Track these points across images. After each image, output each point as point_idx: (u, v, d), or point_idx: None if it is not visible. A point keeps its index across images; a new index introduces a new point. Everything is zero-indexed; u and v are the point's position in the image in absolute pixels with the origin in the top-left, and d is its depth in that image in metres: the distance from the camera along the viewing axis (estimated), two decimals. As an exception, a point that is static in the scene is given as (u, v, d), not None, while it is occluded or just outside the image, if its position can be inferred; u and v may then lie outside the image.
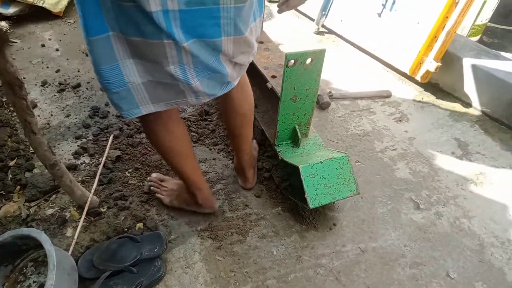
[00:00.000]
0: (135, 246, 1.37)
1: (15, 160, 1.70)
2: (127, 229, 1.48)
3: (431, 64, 2.17)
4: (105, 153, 1.75)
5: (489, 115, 2.19)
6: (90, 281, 1.29)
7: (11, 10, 2.81)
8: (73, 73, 2.38)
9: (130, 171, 1.73)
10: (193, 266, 1.38)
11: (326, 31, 3.05)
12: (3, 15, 2.76)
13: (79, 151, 1.79)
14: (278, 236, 1.51)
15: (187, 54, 0.91)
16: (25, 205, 1.54)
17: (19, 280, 1.28)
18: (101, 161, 1.72)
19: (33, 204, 1.55)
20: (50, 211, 1.52)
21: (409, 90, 2.41)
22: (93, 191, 1.55)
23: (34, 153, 1.71)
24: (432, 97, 2.35)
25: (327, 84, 2.43)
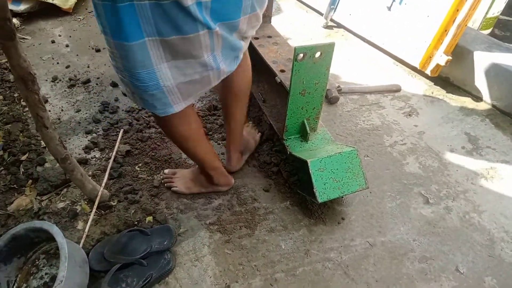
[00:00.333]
0: (145, 239, 1.38)
1: (27, 154, 1.73)
2: (137, 222, 1.49)
3: (441, 57, 2.14)
4: (115, 148, 1.77)
5: (500, 109, 2.16)
6: (100, 273, 1.31)
7: (22, 7, 2.84)
8: (83, 68, 2.40)
9: (140, 165, 1.74)
10: (202, 259, 1.40)
11: (335, 25, 3.03)
12: (14, 12, 2.79)
13: (89, 146, 1.81)
14: (286, 230, 1.51)
15: (219, 38, 0.99)
16: (36, 198, 1.56)
17: (31, 271, 1.30)
18: (111, 156, 1.73)
19: (44, 197, 1.57)
20: (61, 205, 1.54)
21: (419, 84, 2.39)
22: (103, 185, 1.57)
23: (45, 147, 1.73)
24: (442, 91, 2.33)
25: (336, 78, 2.42)
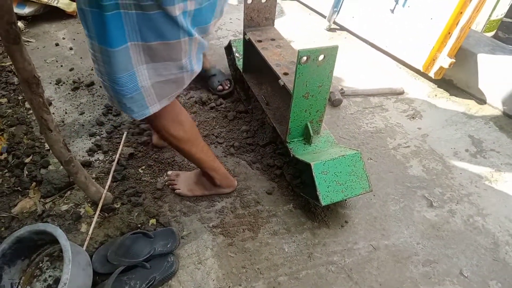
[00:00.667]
0: (149, 241, 1.38)
1: (30, 157, 1.74)
2: (140, 225, 1.49)
3: (444, 60, 2.14)
4: (118, 150, 1.77)
5: (505, 112, 2.15)
6: (104, 276, 1.31)
7: (27, 10, 2.85)
8: (86, 71, 2.41)
9: (143, 168, 1.75)
10: (205, 262, 1.40)
11: (338, 27, 3.03)
12: (19, 15, 2.81)
13: (93, 148, 1.81)
14: (289, 233, 1.51)
15: (195, 44, 1.05)
16: (40, 201, 1.57)
17: (35, 274, 1.31)
18: (115, 158, 1.74)
19: (48, 200, 1.58)
20: (65, 207, 1.55)
21: (422, 87, 2.39)
22: (107, 187, 1.57)
23: (49, 150, 1.74)
24: (445, 94, 2.32)
25: (339, 81, 2.42)
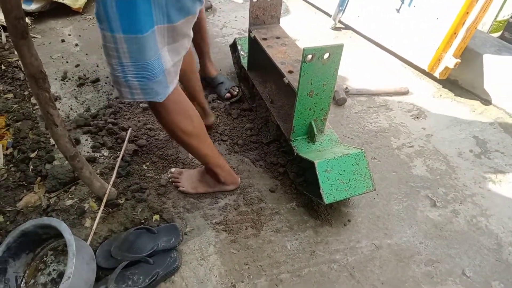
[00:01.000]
0: (152, 237, 1.39)
1: (36, 152, 1.75)
2: (144, 220, 1.50)
3: (450, 60, 2.13)
4: (123, 147, 1.78)
5: (509, 113, 2.15)
6: (107, 270, 1.32)
7: (33, 6, 2.87)
8: (92, 68, 2.42)
9: (147, 164, 1.75)
10: (208, 258, 1.40)
11: (343, 27, 3.03)
12: (25, 11, 2.82)
13: (97, 145, 1.82)
14: (292, 230, 1.51)
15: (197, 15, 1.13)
16: (45, 195, 1.58)
17: (39, 268, 1.32)
18: (119, 154, 1.75)
19: (53, 195, 1.59)
20: (69, 202, 1.56)
21: (427, 86, 2.38)
22: (111, 183, 1.58)
23: (54, 145, 1.75)
24: (450, 94, 2.32)
25: (343, 80, 2.42)
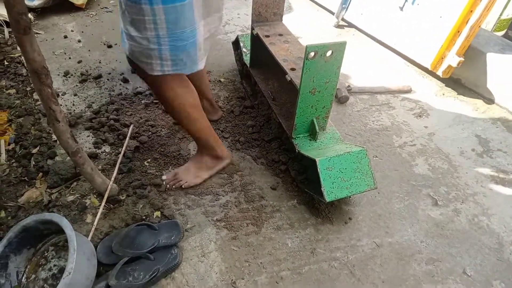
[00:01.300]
0: (153, 233, 1.39)
1: (38, 147, 1.75)
2: (145, 217, 1.50)
3: (453, 59, 2.13)
4: (125, 143, 1.78)
5: (513, 112, 2.14)
6: (108, 266, 1.32)
7: (36, 2, 2.87)
8: (94, 64, 2.42)
9: (148, 160, 1.76)
10: (209, 255, 1.40)
11: (346, 24, 3.02)
12: (28, 7, 2.82)
13: (99, 141, 1.82)
14: (293, 228, 1.51)
15: None
16: (47, 191, 1.58)
17: (40, 263, 1.32)
18: (121, 151, 1.75)
19: (54, 190, 1.59)
20: (71, 198, 1.56)
21: (430, 85, 2.37)
22: (113, 179, 1.58)
23: (56, 141, 1.76)
24: (453, 93, 2.31)
25: (346, 78, 2.41)
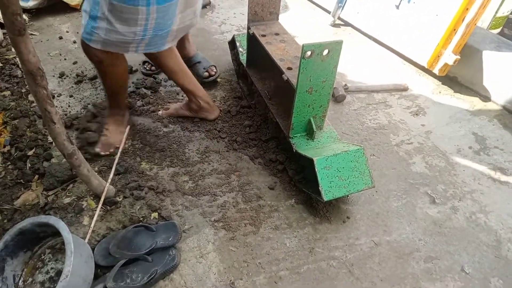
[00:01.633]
0: (150, 235, 1.39)
1: (33, 149, 1.74)
2: (142, 218, 1.50)
3: (449, 57, 2.13)
4: (121, 144, 1.78)
5: (509, 110, 2.14)
6: (106, 268, 1.32)
7: (31, 3, 2.85)
8: (89, 65, 2.40)
9: (145, 161, 1.75)
10: (207, 256, 1.40)
11: (342, 23, 3.02)
12: (23, 8, 2.81)
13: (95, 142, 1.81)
14: (291, 228, 1.51)
15: None
16: (43, 193, 1.57)
17: (37, 266, 1.31)
18: (118, 152, 1.74)
19: (50, 192, 1.58)
20: (67, 200, 1.55)
21: (426, 83, 2.38)
22: (109, 180, 1.57)
23: (52, 142, 1.74)
24: (450, 91, 2.31)
25: (342, 77, 2.41)
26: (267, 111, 1.91)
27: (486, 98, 2.24)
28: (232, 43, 2.32)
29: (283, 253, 1.42)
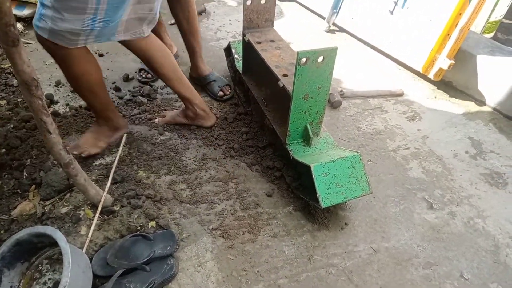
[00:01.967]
0: (148, 244, 1.38)
1: (30, 159, 1.73)
2: (140, 227, 1.49)
3: (444, 62, 2.14)
4: (118, 152, 1.77)
5: (504, 113, 2.16)
6: (103, 278, 1.31)
7: (26, 12, 2.85)
8: (86, 73, 2.40)
9: (142, 170, 1.74)
10: (205, 264, 1.39)
11: (337, 29, 3.03)
12: (18, 17, 2.80)
13: (92, 150, 1.81)
14: (289, 235, 1.51)
15: None
16: (40, 203, 1.56)
17: (35, 277, 1.30)
18: (115, 160, 1.73)
19: (48, 202, 1.57)
20: (64, 210, 1.54)
21: (421, 88, 2.39)
22: (106, 189, 1.57)
23: (49, 152, 1.73)
24: (445, 96, 2.32)
25: (338, 82, 2.42)
26: (264, 118, 1.91)
27: (481, 102, 2.26)
28: (227, 50, 2.32)
29: (281, 261, 1.42)
